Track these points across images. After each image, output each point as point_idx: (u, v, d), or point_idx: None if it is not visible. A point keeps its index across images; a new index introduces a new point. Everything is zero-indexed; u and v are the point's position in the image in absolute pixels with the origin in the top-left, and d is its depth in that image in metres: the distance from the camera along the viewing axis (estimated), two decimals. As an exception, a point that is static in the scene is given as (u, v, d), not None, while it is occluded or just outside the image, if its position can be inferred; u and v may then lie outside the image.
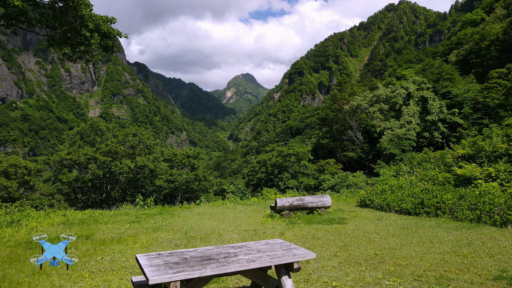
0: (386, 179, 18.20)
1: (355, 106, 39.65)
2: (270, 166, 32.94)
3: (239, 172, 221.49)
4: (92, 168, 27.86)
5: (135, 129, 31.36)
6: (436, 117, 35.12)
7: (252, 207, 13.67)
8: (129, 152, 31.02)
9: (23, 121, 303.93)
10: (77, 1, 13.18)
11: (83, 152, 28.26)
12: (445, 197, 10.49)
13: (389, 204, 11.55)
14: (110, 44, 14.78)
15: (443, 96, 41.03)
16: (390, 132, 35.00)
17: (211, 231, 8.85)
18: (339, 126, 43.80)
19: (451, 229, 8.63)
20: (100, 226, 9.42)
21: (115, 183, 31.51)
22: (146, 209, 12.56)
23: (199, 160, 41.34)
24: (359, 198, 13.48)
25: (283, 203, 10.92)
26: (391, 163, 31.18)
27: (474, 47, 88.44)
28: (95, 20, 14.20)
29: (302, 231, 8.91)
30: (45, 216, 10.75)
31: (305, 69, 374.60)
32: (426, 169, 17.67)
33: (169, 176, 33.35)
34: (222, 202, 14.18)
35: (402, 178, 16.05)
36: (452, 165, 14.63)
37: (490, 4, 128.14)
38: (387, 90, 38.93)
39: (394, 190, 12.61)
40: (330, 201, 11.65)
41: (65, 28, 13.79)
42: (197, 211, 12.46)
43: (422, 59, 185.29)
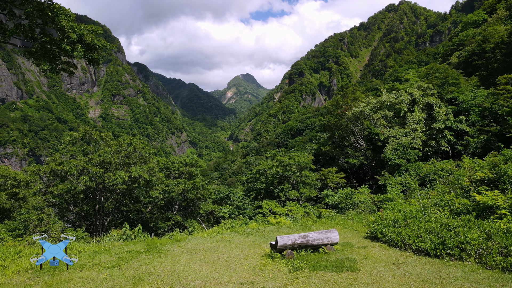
0: (395, 200, 16.90)
1: (358, 113, 38.33)
2: (270, 177, 31.64)
3: (239, 173, 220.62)
4: (84, 180, 26.59)
5: (129, 139, 30.02)
6: (443, 125, 33.79)
7: (250, 238, 12.36)
8: (123, 161, 29.74)
9: (23, 121, 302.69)
10: (56, 11, 11.89)
11: (75, 163, 26.98)
12: (469, 237, 9.20)
13: (404, 240, 10.25)
14: (95, 56, 13.48)
15: (448, 102, 39.71)
16: (395, 140, 33.68)
17: (201, 286, 7.55)
18: (341, 132, 42.49)
19: (483, 284, 7.34)
20: (73, 275, 8.12)
21: (109, 193, 30.23)
22: (131, 243, 11.25)
23: (197, 168, 40.08)
24: (368, 230, 12.17)
25: (284, 242, 9.62)
26: (396, 174, 29.88)
27: (476, 49, 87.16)
28: (78, 31, 12.91)
29: (307, 284, 7.62)
30: (14, 256, 9.48)
31: (305, 70, 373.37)
32: (439, 189, 16.35)
33: (165, 187, 32.07)
34: (217, 231, 12.88)
35: (413, 201, 14.75)
36: (470, 190, 13.34)
37: (492, 5, 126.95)
38: (391, 96, 37.58)
39: (408, 220, 11.31)
40: (337, 237, 10.35)
41: (44, 40, 12.52)
42: (189, 246, 11.13)
43: (422, 59, 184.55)
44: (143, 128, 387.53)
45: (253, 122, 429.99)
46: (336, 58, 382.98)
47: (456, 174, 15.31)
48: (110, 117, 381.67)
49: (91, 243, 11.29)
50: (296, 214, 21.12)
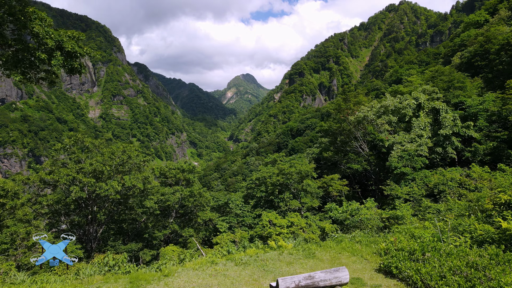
0: (405, 218, 15.54)
1: (361, 117, 36.97)
2: (271, 185, 30.29)
3: (239, 173, 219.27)
4: (74, 190, 25.26)
5: (123, 146, 28.65)
6: (450, 131, 32.40)
7: (248, 270, 10.98)
8: (117, 169, 28.39)
9: (23, 122, 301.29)
10: (29, 16, 10.55)
11: (65, 173, 25.65)
12: (503, 281, 7.87)
13: (425, 280, 8.91)
14: (75, 65, 12.12)
15: (454, 106, 38.34)
16: (400, 147, 32.30)
17: None
18: (344, 137, 41.13)
19: None
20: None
21: (102, 203, 28.88)
22: (112, 279, 9.88)
23: (194, 174, 38.75)
24: (381, 262, 10.80)
25: (287, 285, 8.28)
26: (402, 183, 28.53)
27: (479, 50, 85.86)
28: (56, 37, 11.56)
29: None
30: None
31: (305, 70, 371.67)
32: (456, 212, 14.99)
33: (160, 196, 30.71)
34: (211, 260, 11.52)
35: (428, 224, 13.40)
36: (492, 214, 12.00)
37: (493, 5, 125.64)
38: (396, 101, 36.20)
39: (427, 253, 9.96)
40: (347, 276, 9.02)
41: (18, 48, 11.19)
42: (177, 284, 9.76)
43: (423, 60, 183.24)
44: (143, 128, 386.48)
45: (253, 122, 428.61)
46: (336, 58, 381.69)
47: (476, 195, 13.95)
48: (110, 117, 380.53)
49: (68, 280, 9.92)
50: (298, 230, 19.82)
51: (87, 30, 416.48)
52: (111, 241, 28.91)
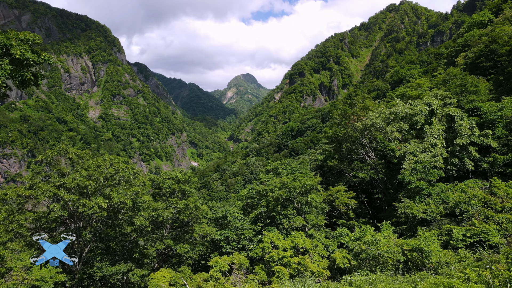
0: (433, 253, 12.98)
1: (369, 124, 34.41)
2: (272, 201, 27.76)
3: (239, 174, 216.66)
4: (54, 208, 22.77)
5: (109, 159, 26.05)
6: (468, 140, 29.77)
7: None
8: (104, 184, 25.84)
9: (22, 122, 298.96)
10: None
11: (45, 188, 23.14)
12: None
13: None
14: (27, 76, 9.59)
15: (469, 112, 35.75)
16: (412, 157, 29.70)
17: None
18: (349, 144, 38.59)
19: None
20: None
21: (86, 221, 26.33)
22: None
23: (191, 184, 36.15)
24: None
25: None
26: (416, 198, 25.96)
27: (484, 50, 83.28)
28: (1, 40, 9.03)
29: None
30: None
31: (306, 70, 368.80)
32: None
33: (152, 212, 28.12)
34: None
35: (470, 272, 10.82)
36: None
37: (497, 5, 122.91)
38: (406, 107, 33.60)
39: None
40: None
41: None
42: None
43: (424, 60, 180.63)
44: (143, 128, 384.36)
45: (253, 122, 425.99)
46: (336, 58, 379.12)
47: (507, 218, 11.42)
48: (110, 117, 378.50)
49: None
50: (304, 260, 17.27)
51: (87, 30, 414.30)
52: (97, 262, 26.34)
